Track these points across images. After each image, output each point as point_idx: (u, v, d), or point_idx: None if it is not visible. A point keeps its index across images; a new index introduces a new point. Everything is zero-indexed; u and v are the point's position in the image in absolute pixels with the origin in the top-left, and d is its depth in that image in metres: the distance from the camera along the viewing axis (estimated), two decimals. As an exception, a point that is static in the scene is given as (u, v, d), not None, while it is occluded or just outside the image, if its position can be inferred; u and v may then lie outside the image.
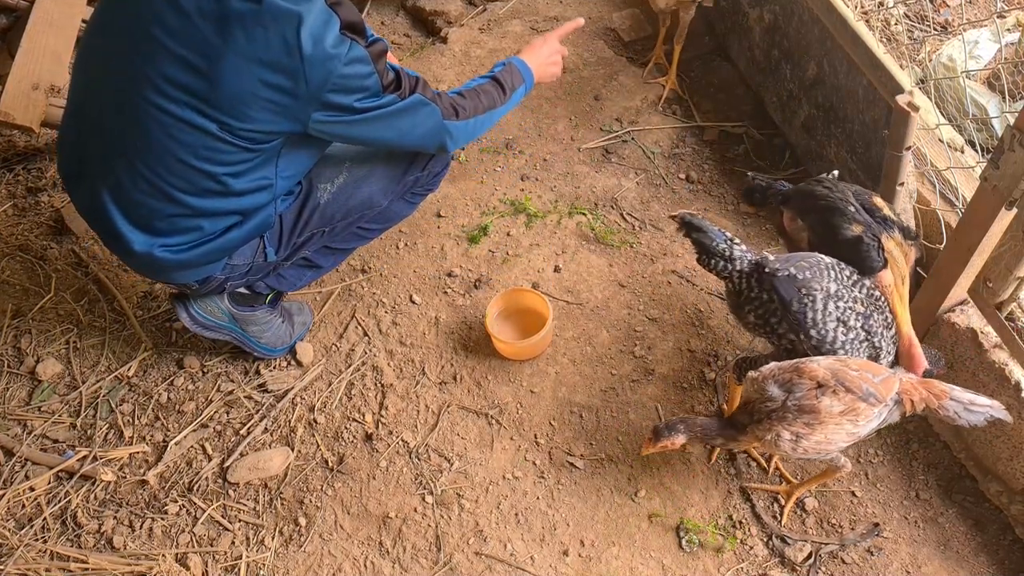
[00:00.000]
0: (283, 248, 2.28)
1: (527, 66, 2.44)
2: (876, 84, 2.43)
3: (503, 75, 2.36)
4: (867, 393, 1.92)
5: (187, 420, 2.53)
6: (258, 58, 1.78)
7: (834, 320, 2.06)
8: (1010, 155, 1.84)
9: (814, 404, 1.91)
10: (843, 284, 2.08)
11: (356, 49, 1.86)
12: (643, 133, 3.24)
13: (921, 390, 1.97)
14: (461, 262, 2.88)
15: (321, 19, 1.80)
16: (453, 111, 2.18)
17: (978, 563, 2.21)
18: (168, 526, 2.32)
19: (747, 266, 2.13)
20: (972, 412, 1.94)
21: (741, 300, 2.17)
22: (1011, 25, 3.03)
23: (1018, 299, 2.13)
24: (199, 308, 2.40)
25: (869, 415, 1.93)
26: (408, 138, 2.13)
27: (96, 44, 1.96)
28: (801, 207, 2.31)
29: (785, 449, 1.96)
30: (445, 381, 2.60)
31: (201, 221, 2.04)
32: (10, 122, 2.94)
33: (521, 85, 2.40)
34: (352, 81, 1.89)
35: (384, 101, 1.99)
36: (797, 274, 2.06)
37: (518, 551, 2.26)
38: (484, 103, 2.28)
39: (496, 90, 2.33)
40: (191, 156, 1.90)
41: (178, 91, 1.83)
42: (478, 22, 3.73)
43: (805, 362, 1.98)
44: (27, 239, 2.96)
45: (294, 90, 1.84)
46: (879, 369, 1.99)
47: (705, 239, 2.16)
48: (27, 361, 2.66)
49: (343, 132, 2.02)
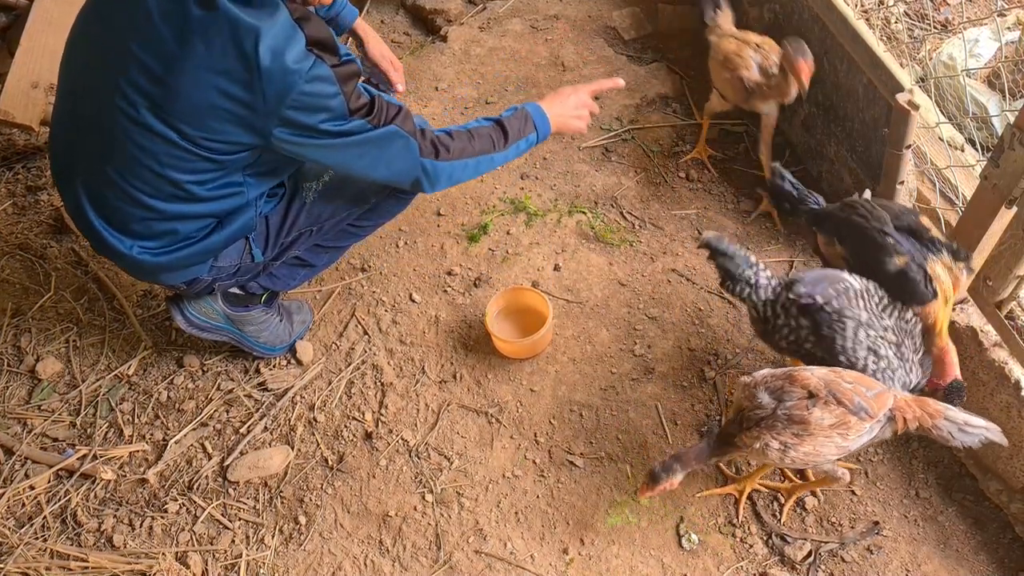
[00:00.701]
0: (270, 249, 2.27)
1: (544, 114, 2.27)
2: (876, 82, 2.43)
3: (510, 121, 2.21)
4: (858, 407, 1.88)
5: (187, 419, 2.53)
6: (215, 67, 1.74)
7: (864, 349, 2.00)
8: (1010, 153, 1.84)
9: (804, 415, 1.88)
10: (874, 312, 2.01)
11: (320, 67, 1.79)
12: (643, 131, 3.24)
13: (915, 408, 1.92)
14: (461, 261, 2.88)
15: (283, 33, 1.74)
16: (433, 149, 2.07)
17: (978, 561, 2.21)
18: (168, 524, 2.32)
19: (772, 294, 2.08)
20: (966, 433, 1.89)
21: (769, 328, 2.12)
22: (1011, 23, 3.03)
23: (1018, 298, 2.13)
24: (194, 310, 2.39)
25: (860, 430, 1.90)
26: (378, 170, 2.03)
27: (77, 47, 1.95)
28: (838, 234, 2.21)
29: (773, 458, 1.93)
30: (445, 380, 2.60)
31: (175, 224, 2.01)
32: (10, 120, 2.95)
33: (530, 134, 2.24)
34: (314, 100, 1.81)
35: (351, 126, 1.90)
36: (825, 303, 2.01)
37: (518, 549, 2.26)
38: (476, 147, 2.15)
39: (496, 135, 2.19)
40: (154, 163, 1.87)
41: (141, 97, 1.80)
42: (478, 20, 3.73)
43: (798, 370, 1.95)
44: (27, 238, 2.96)
45: (251, 103, 1.78)
46: (873, 383, 1.95)
47: (730, 264, 2.10)
48: (27, 360, 2.66)
49: (308, 154, 1.94)
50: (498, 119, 2.22)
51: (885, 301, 2.05)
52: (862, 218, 2.11)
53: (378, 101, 1.95)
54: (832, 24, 2.57)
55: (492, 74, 3.50)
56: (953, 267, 2.08)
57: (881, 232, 2.07)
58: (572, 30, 3.65)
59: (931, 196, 2.42)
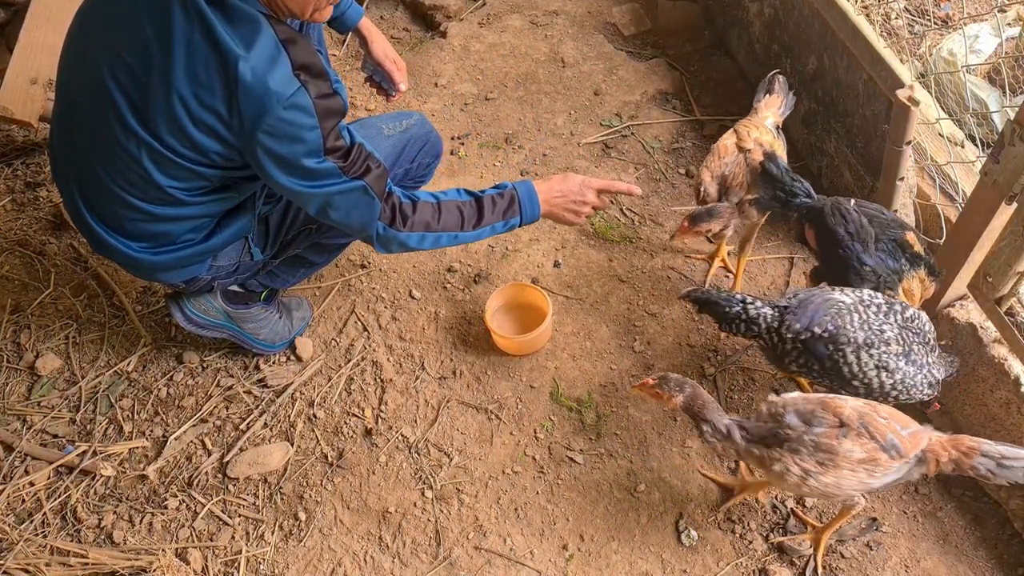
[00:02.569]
0: (269, 247, 2.27)
1: (535, 197, 2.16)
2: (876, 79, 2.43)
3: (490, 201, 2.11)
4: (890, 444, 1.80)
5: (187, 415, 2.53)
6: (198, 79, 1.70)
7: (873, 368, 1.98)
8: (1010, 150, 1.84)
9: (832, 444, 1.80)
10: (872, 328, 1.98)
11: (301, 95, 1.71)
12: (643, 128, 3.24)
13: (950, 449, 1.83)
14: (460, 257, 2.88)
15: (268, 55, 1.68)
16: (391, 216, 1.99)
17: (977, 557, 2.21)
18: (168, 521, 2.32)
19: (770, 321, 2.06)
20: (1006, 468, 1.79)
21: (778, 354, 2.10)
22: (1012, 19, 3.02)
23: (1017, 294, 2.12)
24: (193, 307, 2.39)
25: (888, 468, 1.83)
26: (335, 215, 1.94)
27: (73, 46, 1.93)
28: (818, 236, 2.24)
29: (791, 484, 1.86)
30: (445, 376, 2.60)
31: (168, 226, 2.00)
32: (8, 117, 2.94)
33: (513, 218, 2.14)
34: (288, 128, 1.73)
35: (322, 167, 1.81)
36: (822, 331, 1.99)
37: (518, 546, 2.26)
38: (440, 224, 2.06)
39: (468, 213, 2.08)
40: (140, 167, 1.86)
41: (127, 102, 1.79)
42: (477, 16, 3.72)
43: (832, 397, 1.89)
44: (26, 234, 2.96)
45: (228, 121, 1.74)
46: (908, 421, 1.87)
47: (717, 309, 2.11)
48: (26, 356, 2.66)
49: (273, 179, 1.84)
50: (478, 195, 2.11)
51: (883, 308, 2.02)
52: (849, 235, 2.15)
53: (356, 150, 1.87)
54: (832, 20, 2.57)
55: (492, 70, 3.49)
56: (925, 281, 2.14)
57: (859, 250, 2.12)
58: (572, 26, 3.65)
59: (931, 192, 2.42)
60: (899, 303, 2.06)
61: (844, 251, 2.15)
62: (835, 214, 2.19)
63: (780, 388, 2.50)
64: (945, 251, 2.23)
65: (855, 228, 2.15)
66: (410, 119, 2.38)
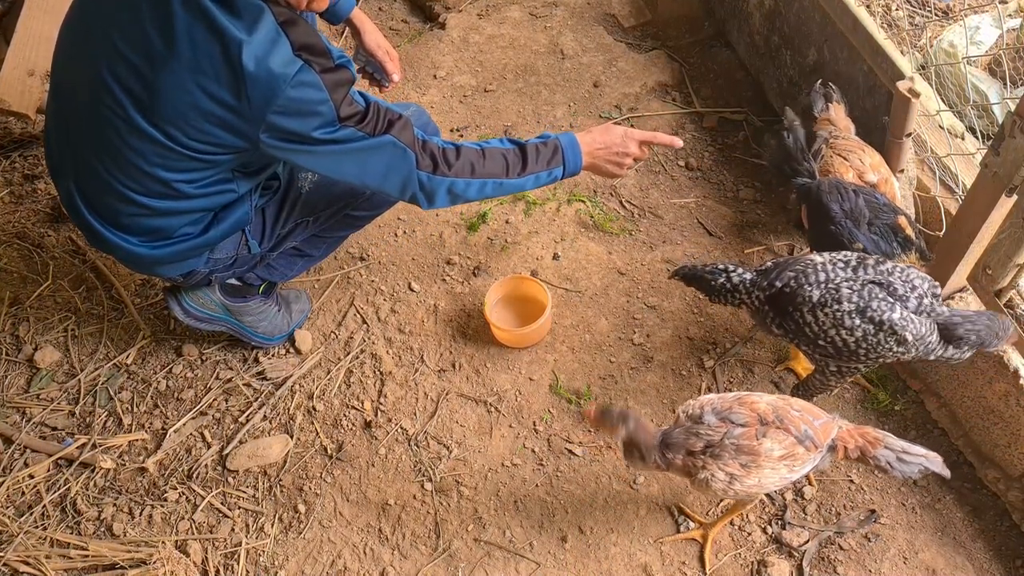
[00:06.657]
0: (267, 240, 2.26)
1: (578, 148, 2.12)
2: (877, 70, 2.42)
3: (533, 149, 2.07)
4: (805, 435, 1.83)
5: (186, 408, 2.53)
6: (202, 70, 1.70)
7: (831, 326, 1.96)
8: (1010, 142, 1.83)
9: (754, 445, 1.82)
10: (829, 286, 1.96)
11: (307, 72, 1.73)
12: (642, 120, 3.23)
13: (857, 437, 1.89)
14: (460, 250, 2.88)
15: (267, 38, 1.69)
16: (432, 162, 1.97)
17: (975, 549, 2.22)
18: (168, 513, 2.33)
19: (749, 285, 2.09)
20: (905, 463, 1.85)
21: (760, 316, 2.12)
22: (1012, 11, 3.01)
23: (1017, 286, 2.12)
24: (191, 301, 2.39)
25: (805, 460, 1.86)
26: (371, 180, 1.96)
27: (68, 38, 1.92)
28: (812, 212, 2.26)
29: (716, 490, 1.86)
30: (444, 369, 2.60)
31: (166, 220, 2.00)
32: (5, 109, 2.93)
33: (556, 167, 2.10)
34: (301, 105, 1.75)
35: (341, 134, 1.83)
36: (783, 285, 2.01)
37: (517, 538, 2.26)
38: (486, 169, 2.03)
39: (512, 159, 2.05)
40: (142, 161, 1.85)
41: (127, 96, 1.77)
42: (476, 8, 3.71)
43: (747, 395, 1.90)
44: (24, 226, 2.95)
45: (238, 108, 1.74)
46: (819, 412, 1.91)
47: (703, 283, 2.13)
48: (25, 349, 2.66)
49: (297, 160, 1.89)
50: (521, 143, 2.09)
51: (853, 264, 1.98)
52: (839, 226, 2.16)
53: (373, 109, 1.88)
54: (832, 11, 2.56)
55: (491, 62, 3.48)
56: (916, 263, 2.15)
57: (849, 234, 2.13)
58: (571, 17, 3.63)
59: (931, 184, 2.41)
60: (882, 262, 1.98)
61: (836, 227, 2.17)
62: (832, 191, 2.21)
63: (779, 381, 2.50)
64: (945, 243, 2.23)
65: (850, 206, 2.18)
66: (408, 111, 2.37)
